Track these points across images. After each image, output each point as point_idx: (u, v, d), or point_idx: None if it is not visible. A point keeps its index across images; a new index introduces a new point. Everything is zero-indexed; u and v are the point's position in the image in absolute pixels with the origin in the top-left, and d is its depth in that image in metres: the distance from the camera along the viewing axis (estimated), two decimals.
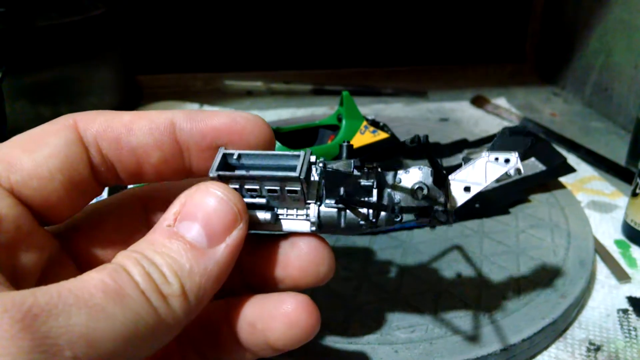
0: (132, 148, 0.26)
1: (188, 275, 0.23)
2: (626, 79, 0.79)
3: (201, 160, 0.28)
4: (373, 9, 1.01)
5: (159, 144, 0.26)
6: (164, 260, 0.23)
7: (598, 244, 0.50)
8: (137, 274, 0.22)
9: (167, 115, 0.27)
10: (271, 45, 1.02)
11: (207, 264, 0.24)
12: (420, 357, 0.34)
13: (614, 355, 0.39)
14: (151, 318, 0.21)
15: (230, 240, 0.25)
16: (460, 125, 0.79)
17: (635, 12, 0.77)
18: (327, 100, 0.89)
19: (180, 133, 0.27)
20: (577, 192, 0.61)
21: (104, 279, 0.21)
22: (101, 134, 0.26)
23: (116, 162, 0.26)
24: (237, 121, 0.27)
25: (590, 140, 0.75)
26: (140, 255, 0.23)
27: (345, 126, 0.49)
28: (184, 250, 0.23)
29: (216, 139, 0.27)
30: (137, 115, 0.27)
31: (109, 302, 0.20)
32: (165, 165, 0.27)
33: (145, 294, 0.21)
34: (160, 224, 0.25)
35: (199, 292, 0.23)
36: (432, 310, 0.38)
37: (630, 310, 0.43)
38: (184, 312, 0.23)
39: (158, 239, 0.24)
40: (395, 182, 0.29)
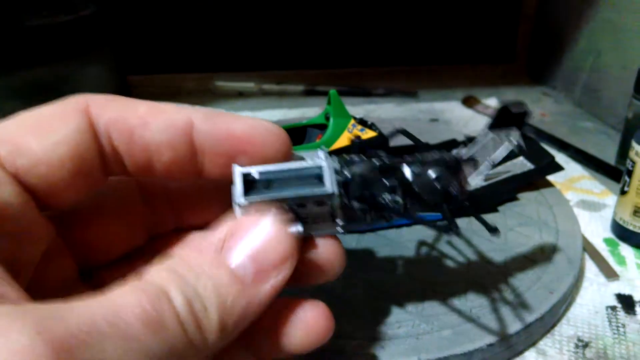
0: (145, 144, 0.25)
1: (229, 311, 0.22)
2: (615, 79, 0.79)
3: (214, 164, 0.26)
4: (364, 9, 1.02)
5: (174, 144, 0.25)
6: (209, 292, 0.21)
7: (587, 242, 0.50)
8: (179, 303, 0.20)
9: (186, 113, 0.25)
10: (263, 45, 1.02)
11: (249, 301, 0.22)
12: (406, 353, 0.34)
13: (602, 351, 0.39)
14: (185, 350, 0.20)
15: (276, 281, 0.23)
16: (450, 126, 0.80)
17: (623, 13, 0.77)
18: (319, 101, 0.89)
19: (198, 135, 0.25)
20: (566, 191, 0.61)
21: (144, 305, 0.19)
22: (114, 124, 0.24)
23: (126, 156, 0.25)
24: (258, 131, 0.26)
25: (580, 140, 0.75)
26: (182, 280, 0.21)
27: (333, 124, 0.49)
28: (228, 282, 0.22)
29: (234, 146, 0.26)
30: (154, 108, 0.25)
31: (147, 334, 0.19)
32: (176, 165, 0.26)
33: (184, 326, 0.20)
34: (206, 246, 0.23)
35: (234, 329, 0.22)
36: (419, 306, 0.38)
37: (619, 307, 0.43)
38: (216, 345, 0.22)
39: (203, 265, 0.22)
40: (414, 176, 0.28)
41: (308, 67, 1.03)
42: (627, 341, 0.40)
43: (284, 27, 1.01)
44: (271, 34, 1.01)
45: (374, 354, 0.34)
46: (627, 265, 0.48)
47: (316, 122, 0.53)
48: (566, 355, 0.38)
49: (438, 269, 0.42)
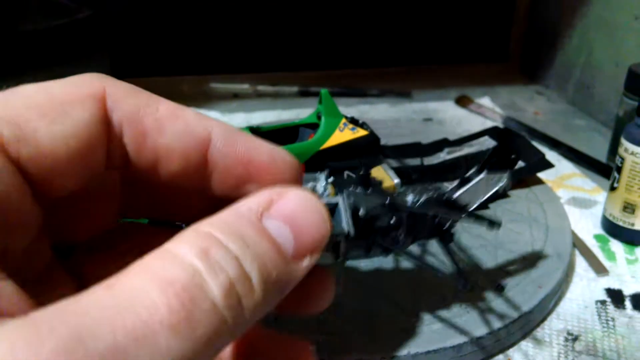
0: (156, 149, 0.23)
1: (273, 285, 0.19)
2: (607, 77, 0.80)
3: (223, 184, 0.25)
4: (358, 10, 1.02)
5: (187, 155, 0.23)
6: (257, 264, 0.19)
7: (577, 239, 0.51)
8: (216, 289, 0.17)
9: (206, 126, 0.23)
10: (257, 47, 1.02)
11: (288, 278, 0.20)
12: (397, 346, 0.35)
13: (592, 344, 0.39)
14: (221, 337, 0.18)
15: (312, 259, 0.21)
16: (444, 125, 0.80)
17: (616, 10, 0.78)
18: (313, 102, 0.88)
19: (214, 152, 0.24)
20: (557, 188, 0.61)
21: (171, 303, 0.16)
22: (129, 121, 0.22)
23: (133, 156, 0.23)
24: (277, 163, 0.24)
25: (573, 138, 0.75)
26: (222, 249, 0.19)
27: (324, 124, 0.50)
28: (275, 253, 0.20)
29: (249, 173, 0.24)
30: (174, 112, 0.23)
31: (177, 339, 0.16)
32: (183, 175, 0.24)
33: (222, 316, 0.18)
34: (245, 213, 0.21)
35: (271, 306, 0.20)
36: (410, 301, 0.39)
37: (609, 301, 0.44)
38: (253, 322, 0.19)
39: (246, 229, 0.20)
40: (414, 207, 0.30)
41: (302, 69, 1.04)
42: (617, 335, 0.40)
43: (278, 28, 1.02)
44: (266, 36, 1.02)
45: (365, 347, 0.35)
46: (616, 260, 0.49)
47: (308, 122, 0.53)
48: (556, 349, 0.39)
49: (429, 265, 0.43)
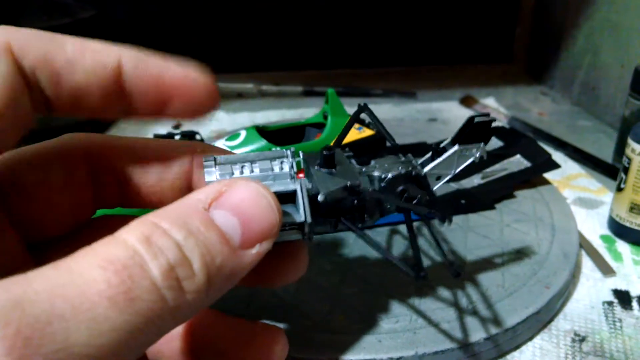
0: (72, 87, 0.23)
1: (217, 271, 0.20)
2: (613, 78, 0.80)
3: (144, 106, 0.25)
4: (363, 10, 1.02)
5: (102, 86, 0.24)
6: (198, 250, 0.20)
7: (583, 239, 0.51)
8: (155, 268, 0.19)
9: (116, 55, 0.24)
10: (261, 47, 1.02)
11: (235, 266, 0.21)
12: (403, 347, 0.34)
13: (599, 345, 0.39)
14: (165, 316, 0.19)
15: (262, 248, 0.22)
16: (448, 125, 0.80)
17: (621, 12, 0.78)
18: (317, 102, 0.89)
19: (127, 78, 0.24)
20: (563, 189, 0.61)
21: (109, 278, 0.18)
22: (41, 66, 0.23)
23: (53, 97, 0.23)
24: (188, 78, 0.25)
25: (578, 139, 0.75)
26: (164, 236, 0.20)
27: (331, 123, 0.50)
28: (219, 242, 0.21)
29: (163, 94, 0.25)
30: (81, 47, 0.23)
31: (115, 310, 0.17)
32: (105, 105, 0.25)
33: (162, 293, 0.19)
34: (193, 203, 0.22)
35: (219, 291, 0.21)
36: (415, 301, 0.38)
37: (616, 302, 0.43)
38: (198, 306, 0.20)
39: (192, 219, 0.21)
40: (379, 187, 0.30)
41: (306, 68, 1.04)
42: (624, 335, 0.40)
43: (282, 28, 1.02)
44: (270, 36, 1.02)
45: (371, 348, 0.34)
46: (623, 261, 0.48)
47: (314, 121, 0.53)
48: (563, 349, 0.38)
49: (434, 264, 0.43)
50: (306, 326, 0.36)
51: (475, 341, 0.35)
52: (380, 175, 0.30)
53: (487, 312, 0.37)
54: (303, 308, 0.38)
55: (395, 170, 0.30)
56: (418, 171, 0.30)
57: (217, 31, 0.99)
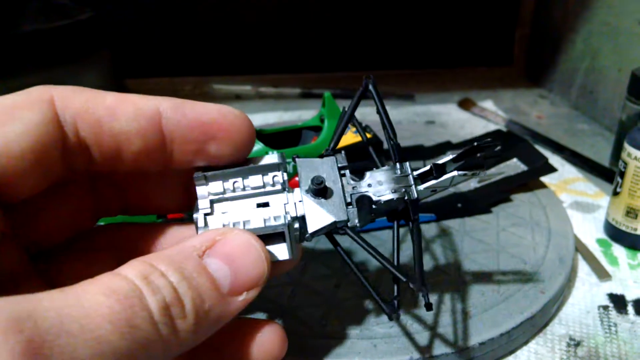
0: (113, 134, 0.25)
1: (205, 315, 0.22)
2: (611, 82, 0.80)
3: (184, 153, 0.26)
4: (361, 13, 1.02)
5: (143, 132, 0.25)
6: (190, 293, 0.22)
7: (579, 243, 0.51)
8: (153, 303, 0.20)
9: (154, 102, 0.25)
10: (260, 49, 1.02)
11: (223, 311, 0.23)
12: (398, 352, 0.34)
13: (594, 350, 0.39)
14: (157, 348, 0.20)
15: (249, 295, 0.24)
16: (446, 128, 0.80)
17: (619, 15, 0.78)
18: (315, 104, 0.89)
19: (167, 123, 0.25)
20: (560, 192, 0.61)
21: (112, 305, 0.19)
22: (81, 115, 0.24)
23: (94, 146, 0.25)
24: (226, 117, 0.26)
25: (576, 142, 0.75)
26: (162, 277, 0.21)
27: (328, 127, 0.50)
28: (210, 288, 0.22)
29: (204, 133, 0.26)
30: (121, 98, 0.25)
31: (116, 333, 0.19)
32: (146, 154, 0.26)
33: (158, 326, 0.20)
34: (187, 250, 0.23)
35: (205, 334, 0.23)
36: (411, 306, 0.38)
37: (611, 306, 0.43)
38: (187, 345, 0.22)
39: (186, 265, 0.22)
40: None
41: (304, 71, 1.04)
42: (619, 340, 0.40)
43: (280, 30, 1.02)
44: (268, 38, 1.01)
45: (366, 352, 0.34)
46: (619, 265, 0.48)
47: (311, 125, 0.53)
48: (558, 354, 0.38)
49: (430, 268, 0.43)
50: (301, 331, 0.36)
51: (470, 346, 0.35)
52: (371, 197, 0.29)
53: (482, 316, 0.37)
54: (298, 313, 0.38)
55: (388, 194, 0.29)
56: (411, 196, 0.30)
57: (215, 33, 0.99)
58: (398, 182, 0.30)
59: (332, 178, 0.29)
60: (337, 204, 0.28)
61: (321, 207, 0.28)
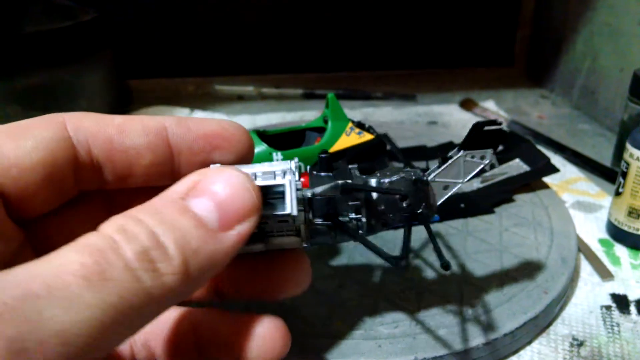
0: (124, 149, 0.26)
1: (193, 253, 0.21)
2: (612, 82, 0.80)
3: (190, 164, 0.27)
4: (363, 13, 1.02)
5: (152, 146, 0.26)
6: (171, 234, 0.21)
7: (582, 243, 0.51)
8: (129, 251, 0.20)
9: (159, 120, 0.27)
10: (262, 49, 1.02)
11: (215, 247, 0.22)
12: (403, 352, 0.34)
13: (597, 350, 0.39)
14: (139, 299, 0.19)
15: (242, 228, 0.23)
16: (448, 128, 0.80)
17: (620, 16, 0.78)
18: (317, 104, 0.89)
19: (173, 136, 0.27)
20: (562, 192, 0.61)
21: (83, 260, 0.19)
22: (93, 134, 0.25)
23: (106, 163, 0.26)
24: (226, 129, 0.28)
25: (578, 142, 0.75)
26: (139, 224, 0.21)
27: (331, 128, 0.50)
28: (194, 226, 0.22)
29: (208, 143, 0.27)
30: (129, 118, 0.26)
31: (88, 288, 0.18)
32: (155, 168, 0.27)
33: (136, 273, 0.19)
34: (169, 195, 0.23)
35: (200, 274, 0.22)
36: (415, 306, 0.39)
37: (614, 306, 0.43)
38: (180, 290, 0.21)
39: (166, 210, 0.22)
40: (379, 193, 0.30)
41: (307, 71, 1.04)
42: (622, 340, 0.40)
43: (283, 31, 1.02)
44: (270, 38, 1.02)
45: (370, 353, 0.35)
46: (621, 265, 0.48)
47: (315, 126, 0.53)
48: (561, 354, 0.39)
49: (433, 269, 0.43)
50: (305, 331, 0.36)
51: (473, 346, 0.35)
52: (380, 179, 0.30)
53: (485, 317, 0.38)
54: (302, 313, 0.38)
55: (398, 176, 0.30)
56: (421, 178, 0.30)
57: (217, 33, 1.00)
58: (405, 172, 0.30)
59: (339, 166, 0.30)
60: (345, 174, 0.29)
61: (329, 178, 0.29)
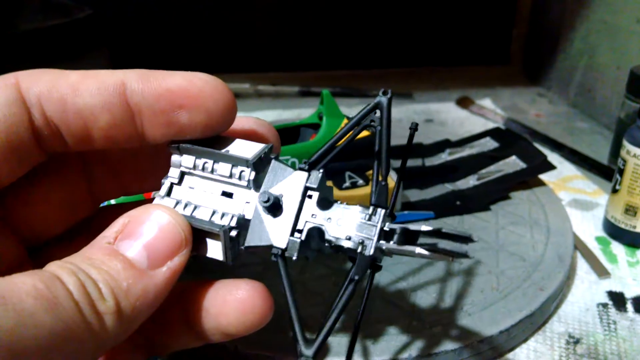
0: (78, 110, 0.24)
1: (125, 294, 0.22)
2: (609, 80, 0.80)
3: (154, 125, 0.25)
4: (360, 11, 1.02)
5: (108, 106, 0.24)
6: (101, 276, 0.22)
7: (578, 241, 0.51)
8: (71, 284, 0.20)
9: (118, 75, 0.25)
10: (258, 47, 1.02)
11: (146, 285, 0.23)
12: (398, 349, 0.34)
13: (593, 347, 0.39)
14: (82, 332, 0.20)
15: (172, 264, 0.24)
16: (445, 126, 0.80)
17: (618, 13, 0.78)
18: (313, 102, 0.89)
19: (132, 94, 0.25)
20: (559, 190, 0.61)
21: (35, 284, 0.19)
22: (45, 95, 0.24)
23: (61, 126, 0.24)
24: (194, 83, 0.25)
25: (575, 140, 0.75)
26: (75, 267, 0.21)
27: (326, 124, 0.50)
28: (123, 268, 0.22)
29: (171, 102, 0.25)
30: (85, 74, 0.25)
31: (40, 309, 0.19)
32: (115, 129, 0.25)
33: (79, 306, 0.20)
34: (99, 241, 0.23)
35: (134, 312, 0.22)
36: (410, 304, 0.38)
37: (610, 304, 0.43)
38: (116, 330, 0.22)
39: (96, 254, 0.23)
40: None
41: (303, 69, 1.04)
42: (618, 337, 0.40)
43: (279, 28, 1.02)
44: (266, 36, 1.01)
45: (365, 350, 0.34)
46: (618, 263, 0.48)
47: (309, 122, 0.53)
48: (557, 352, 0.38)
49: (428, 267, 0.43)
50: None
51: (469, 344, 0.35)
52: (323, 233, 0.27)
53: (481, 314, 0.37)
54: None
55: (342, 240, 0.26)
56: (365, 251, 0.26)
57: (214, 31, 0.99)
58: (361, 229, 0.26)
59: (293, 196, 0.27)
60: (283, 227, 0.26)
61: (264, 224, 0.27)
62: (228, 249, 0.26)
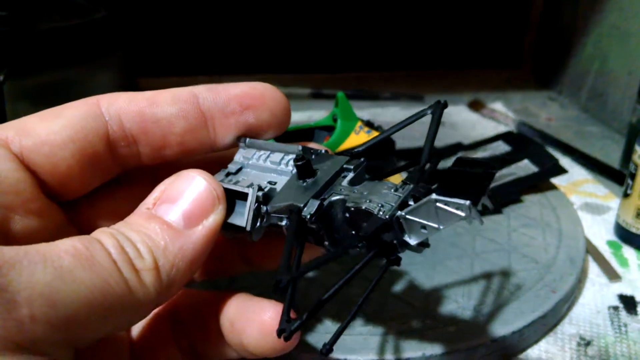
0: (156, 119, 0.27)
1: (162, 252, 0.23)
2: (620, 85, 0.80)
3: (225, 127, 0.28)
4: (371, 13, 1.02)
5: (183, 113, 0.27)
6: (139, 237, 0.23)
7: (590, 245, 0.51)
8: (110, 245, 0.22)
9: (188, 88, 0.28)
10: (270, 48, 1.02)
11: (183, 244, 0.24)
12: (411, 348, 0.35)
13: (604, 349, 0.39)
14: (120, 289, 0.21)
15: (208, 223, 0.25)
16: (457, 129, 0.80)
17: (629, 19, 0.78)
18: (325, 104, 0.89)
19: (204, 101, 0.27)
20: (570, 194, 0.61)
21: (75, 244, 0.21)
22: (124, 108, 0.26)
23: (139, 136, 0.27)
24: (256, 88, 0.28)
25: (586, 144, 0.75)
26: (116, 231, 0.23)
27: (340, 127, 0.50)
28: (160, 229, 0.24)
29: (239, 104, 0.28)
30: (159, 91, 0.27)
31: (77, 266, 0.20)
32: (189, 135, 0.27)
33: (117, 264, 0.22)
34: (139, 209, 0.25)
35: (172, 270, 0.24)
36: (424, 303, 0.39)
37: (621, 307, 0.44)
38: (156, 288, 0.23)
39: (135, 220, 0.24)
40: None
41: (315, 71, 1.04)
42: (629, 340, 0.40)
43: (291, 30, 1.02)
44: (278, 37, 1.02)
45: (379, 348, 0.35)
46: (629, 266, 0.49)
47: (324, 124, 0.54)
48: (568, 353, 0.39)
49: (442, 266, 0.43)
50: (315, 327, 0.37)
51: (482, 343, 0.36)
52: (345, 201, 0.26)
53: (494, 314, 0.38)
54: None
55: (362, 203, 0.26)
56: (382, 214, 0.25)
57: (226, 33, 1.00)
58: (383, 197, 0.26)
59: (328, 171, 0.28)
60: (308, 191, 0.27)
61: (292, 190, 0.28)
62: (252, 210, 0.27)
